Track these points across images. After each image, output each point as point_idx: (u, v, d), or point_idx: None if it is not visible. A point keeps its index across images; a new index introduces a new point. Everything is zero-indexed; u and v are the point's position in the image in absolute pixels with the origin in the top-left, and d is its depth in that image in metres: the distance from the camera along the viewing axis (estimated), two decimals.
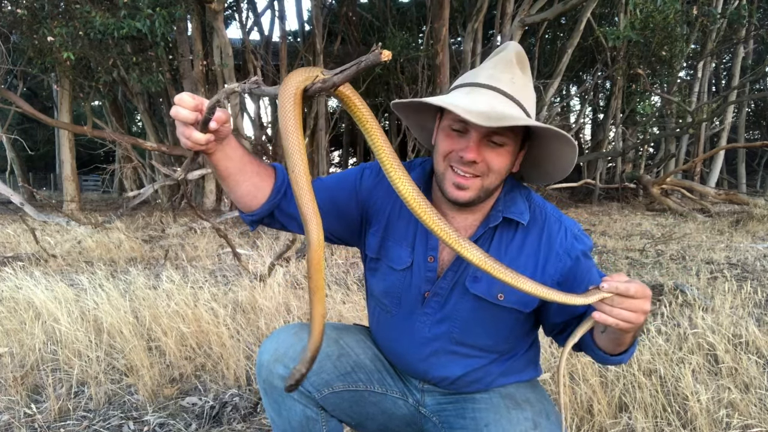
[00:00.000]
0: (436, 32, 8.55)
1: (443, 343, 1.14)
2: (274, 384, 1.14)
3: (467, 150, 1.01)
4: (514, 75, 1.04)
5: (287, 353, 1.13)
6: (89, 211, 10.01)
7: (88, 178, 23.42)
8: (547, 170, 1.15)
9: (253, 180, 1.07)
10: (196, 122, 0.92)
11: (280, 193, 1.11)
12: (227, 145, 1.01)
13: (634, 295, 0.86)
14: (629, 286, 0.86)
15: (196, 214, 4.06)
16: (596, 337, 1.05)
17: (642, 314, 0.88)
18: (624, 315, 0.87)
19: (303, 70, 0.86)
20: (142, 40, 8.43)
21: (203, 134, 0.92)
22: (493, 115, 0.96)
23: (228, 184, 1.07)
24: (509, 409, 1.07)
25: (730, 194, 10.30)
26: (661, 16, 9.99)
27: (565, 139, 1.01)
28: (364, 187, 1.20)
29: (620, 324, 0.88)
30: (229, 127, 0.97)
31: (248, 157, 1.06)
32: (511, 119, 0.97)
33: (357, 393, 1.19)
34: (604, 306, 0.88)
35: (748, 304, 3.16)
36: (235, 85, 0.89)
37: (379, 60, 0.78)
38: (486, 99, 1.01)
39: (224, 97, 0.88)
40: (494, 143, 1.02)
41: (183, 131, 0.92)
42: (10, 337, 2.50)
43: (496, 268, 0.90)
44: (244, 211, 1.13)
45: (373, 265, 1.21)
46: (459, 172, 1.03)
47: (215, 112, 0.91)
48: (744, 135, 17.69)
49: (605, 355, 1.05)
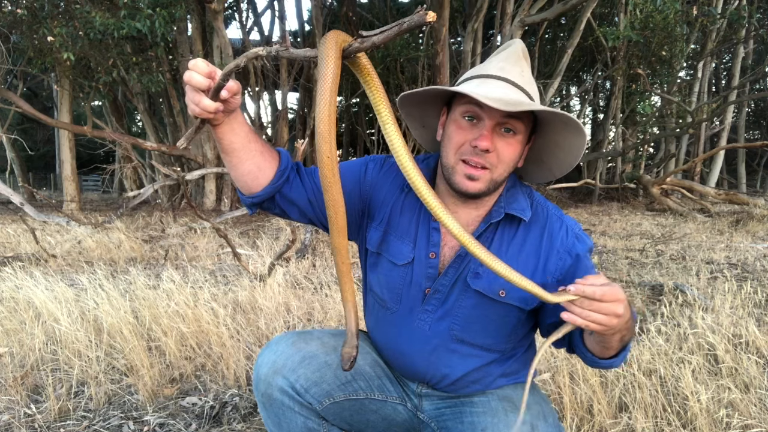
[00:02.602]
0: (436, 32, 8.54)
1: (444, 340, 1.13)
2: (273, 397, 1.12)
3: (481, 138, 1.02)
4: (523, 69, 1.07)
5: (286, 364, 1.12)
6: (89, 211, 10.01)
7: (88, 178, 23.42)
8: (550, 166, 1.15)
9: (256, 159, 1.06)
10: (208, 89, 0.91)
11: (283, 176, 1.10)
12: (234, 119, 1.00)
13: (601, 299, 0.85)
14: (596, 289, 0.85)
15: (196, 214, 4.06)
16: (586, 338, 1.05)
17: (614, 317, 0.86)
18: (593, 317, 0.86)
19: (338, 32, 0.83)
20: (142, 40, 8.44)
21: (213, 102, 0.91)
22: (509, 101, 0.98)
23: (231, 160, 1.05)
24: (507, 412, 1.06)
25: (730, 194, 10.29)
26: (661, 16, 9.99)
27: (575, 126, 1.02)
28: (368, 180, 1.20)
29: (590, 326, 0.87)
30: (239, 99, 0.97)
31: (253, 135, 1.06)
32: (528, 105, 0.99)
33: (358, 401, 1.18)
34: (573, 307, 0.87)
35: (748, 304, 3.16)
36: (259, 48, 0.85)
37: (424, 21, 0.73)
38: (499, 88, 1.03)
39: (245, 62, 0.85)
40: (508, 129, 1.03)
41: (193, 97, 0.91)
42: (10, 337, 2.50)
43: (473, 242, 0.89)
44: (245, 193, 1.12)
45: (374, 259, 1.20)
46: (471, 164, 1.04)
47: (229, 80, 0.90)
48: (744, 135, 17.70)
49: (594, 357, 1.05)
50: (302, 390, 1.12)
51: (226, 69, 0.88)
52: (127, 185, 13.73)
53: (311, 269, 4.20)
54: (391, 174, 1.20)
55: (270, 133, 13.49)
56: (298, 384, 1.12)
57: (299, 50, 0.84)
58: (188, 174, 8.73)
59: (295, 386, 1.11)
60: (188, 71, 0.90)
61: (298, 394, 1.12)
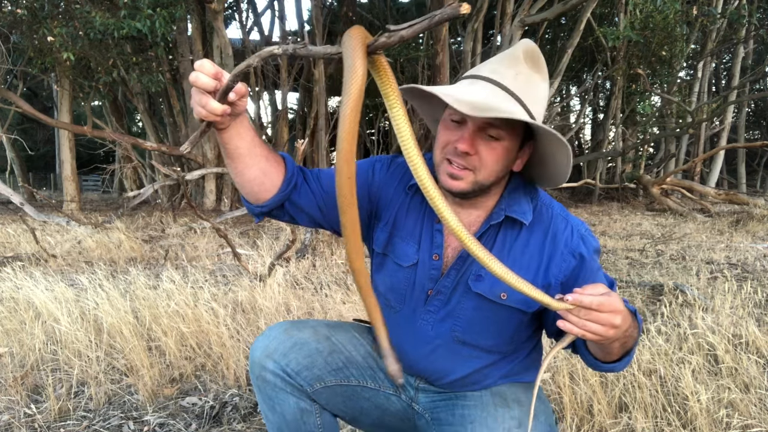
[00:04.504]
0: (436, 32, 8.53)
1: (446, 341, 1.13)
2: (266, 379, 1.14)
3: (461, 141, 1.00)
4: (519, 71, 1.02)
5: (277, 349, 1.14)
6: (89, 211, 10.01)
7: (88, 178, 23.39)
8: (551, 172, 1.12)
9: (261, 165, 1.05)
10: (214, 91, 0.89)
11: (291, 183, 1.09)
12: (240, 123, 0.98)
13: (599, 309, 0.85)
14: (594, 299, 0.85)
15: (196, 214, 4.06)
16: (588, 342, 1.04)
17: (611, 328, 0.86)
18: (589, 327, 0.86)
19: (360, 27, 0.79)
20: (142, 40, 8.43)
21: (220, 104, 0.88)
22: (482, 106, 0.94)
23: (237, 166, 1.03)
24: (496, 407, 1.06)
25: (730, 194, 10.29)
26: (661, 16, 9.99)
27: (556, 139, 0.99)
28: (375, 181, 1.19)
29: (587, 335, 0.87)
30: (245, 102, 0.95)
31: (258, 139, 1.04)
32: (498, 111, 0.93)
33: (350, 388, 1.19)
34: (570, 317, 0.87)
35: (748, 304, 3.16)
36: (274, 47, 0.80)
37: (458, 14, 0.69)
38: (483, 91, 0.99)
39: (258, 61, 0.81)
40: (490, 137, 1.01)
41: (199, 99, 0.89)
42: (10, 337, 2.50)
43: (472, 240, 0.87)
44: (251, 201, 1.10)
45: (380, 260, 1.20)
46: (453, 164, 1.03)
47: (238, 81, 0.87)
48: (744, 135, 17.70)
49: (596, 361, 1.05)
50: (293, 373, 1.14)
51: (236, 70, 0.85)
52: (127, 185, 13.74)
53: (311, 269, 4.20)
54: (398, 174, 1.19)
55: (270, 133, 13.49)
56: (288, 368, 1.13)
57: (319, 47, 0.80)
58: (188, 174, 8.73)
59: (286, 369, 1.13)
60: (194, 72, 0.88)
61: (289, 377, 1.14)
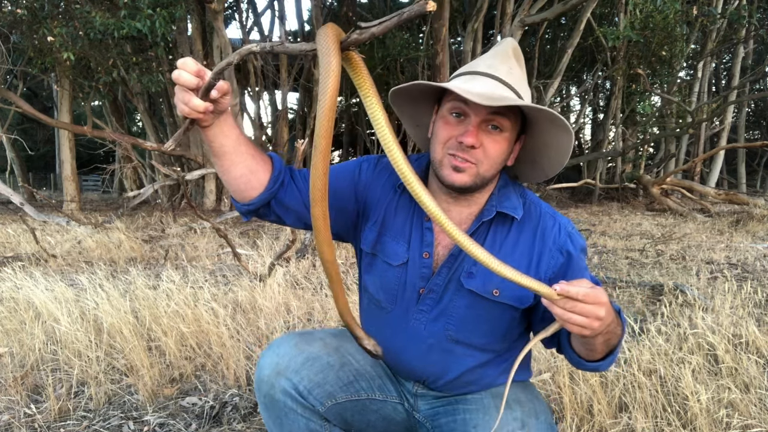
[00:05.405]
0: (436, 32, 8.54)
1: (439, 340, 1.13)
2: (275, 398, 1.12)
3: (467, 134, 1.02)
4: (512, 67, 1.07)
5: (289, 366, 1.12)
6: (89, 211, 10.01)
7: (88, 178, 23.39)
8: (542, 166, 1.15)
9: (248, 162, 1.05)
10: (197, 88, 0.90)
11: (278, 181, 1.09)
12: (224, 121, 0.99)
13: (583, 300, 0.86)
14: (579, 290, 0.86)
15: (196, 214, 4.06)
16: (572, 340, 1.06)
17: (595, 320, 0.87)
18: (574, 318, 0.87)
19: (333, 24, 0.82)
20: (142, 40, 8.42)
21: (203, 102, 0.90)
22: (493, 97, 0.99)
23: (223, 164, 1.04)
24: (498, 409, 1.06)
25: (730, 194, 10.29)
26: (661, 16, 9.99)
27: (561, 124, 1.02)
28: (362, 181, 1.19)
29: (573, 328, 0.89)
30: (228, 99, 0.95)
31: (244, 138, 1.04)
32: (509, 100, 0.99)
33: (359, 402, 1.18)
34: (554, 307, 0.88)
35: (748, 304, 3.16)
36: (252, 45, 0.83)
37: (424, 11, 0.72)
38: (488, 84, 1.03)
39: (238, 59, 0.83)
40: (494, 126, 1.03)
41: (182, 97, 0.90)
42: (10, 337, 2.50)
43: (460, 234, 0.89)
44: (238, 200, 1.11)
45: (369, 260, 1.20)
46: (457, 158, 1.04)
47: (220, 79, 0.88)
48: (744, 135, 17.71)
49: (580, 359, 1.06)
50: (305, 392, 1.12)
51: (218, 67, 0.86)
52: (127, 185, 13.74)
53: (311, 269, 4.20)
54: (384, 173, 1.20)
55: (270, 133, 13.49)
56: (301, 386, 1.12)
57: (294, 45, 0.82)
58: (188, 174, 8.73)
59: (298, 388, 1.12)
60: (176, 70, 0.89)
61: (301, 396, 1.12)
